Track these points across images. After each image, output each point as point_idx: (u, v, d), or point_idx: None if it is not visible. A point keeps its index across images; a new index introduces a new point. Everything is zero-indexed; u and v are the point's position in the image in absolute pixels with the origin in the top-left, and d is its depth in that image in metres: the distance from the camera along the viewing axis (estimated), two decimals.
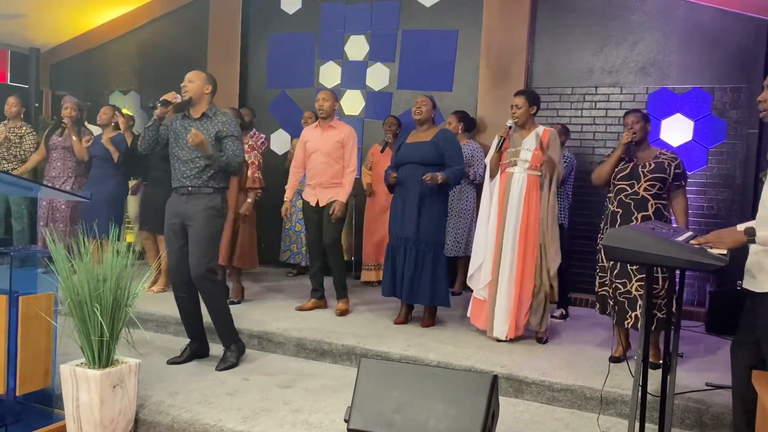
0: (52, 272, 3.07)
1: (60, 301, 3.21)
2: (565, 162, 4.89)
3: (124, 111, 7.11)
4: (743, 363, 2.63)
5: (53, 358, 3.26)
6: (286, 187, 5.08)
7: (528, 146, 4.29)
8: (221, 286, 4.40)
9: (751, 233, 2.44)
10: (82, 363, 3.10)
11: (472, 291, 6.01)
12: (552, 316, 4.90)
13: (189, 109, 3.93)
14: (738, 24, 5.32)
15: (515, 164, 4.30)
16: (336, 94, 5.09)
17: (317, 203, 4.91)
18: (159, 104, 3.83)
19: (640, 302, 3.75)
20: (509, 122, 4.33)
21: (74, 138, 5.83)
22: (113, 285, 3.03)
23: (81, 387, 3.00)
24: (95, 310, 2.95)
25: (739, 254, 2.60)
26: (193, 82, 3.89)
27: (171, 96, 3.86)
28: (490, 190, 4.44)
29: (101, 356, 3.04)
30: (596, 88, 5.86)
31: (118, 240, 3.19)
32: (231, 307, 4.26)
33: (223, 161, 3.84)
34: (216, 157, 3.81)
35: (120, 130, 5.77)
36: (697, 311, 5.28)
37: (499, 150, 4.34)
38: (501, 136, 4.32)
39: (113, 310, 3.03)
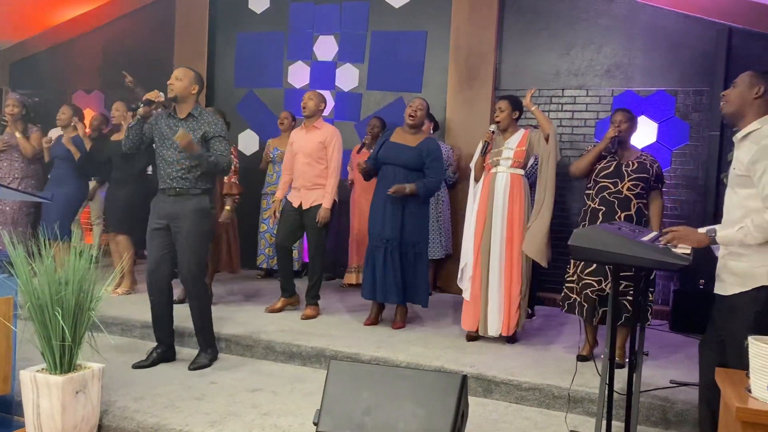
0: (12, 275, 2.98)
1: (19, 305, 3.12)
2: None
3: (87, 110, 6.97)
4: (710, 362, 2.69)
5: (13, 364, 3.16)
6: (268, 190, 5.05)
7: (510, 146, 4.32)
8: (208, 288, 4.36)
9: (712, 233, 2.50)
10: (43, 369, 3.01)
11: (441, 292, 6.11)
12: None
13: (174, 108, 3.84)
14: (700, 28, 5.44)
15: (498, 164, 4.34)
16: (323, 95, 5.03)
17: (300, 205, 4.87)
18: (142, 104, 3.75)
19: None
20: (492, 127, 4.37)
21: (18, 135, 5.65)
22: (75, 288, 2.96)
23: (42, 393, 2.92)
24: (56, 313, 2.88)
25: (701, 254, 2.66)
26: (180, 80, 3.77)
27: (154, 95, 3.75)
28: (475, 193, 4.46)
29: (63, 361, 2.96)
30: (563, 90, 5.93)
31: (81, 241, 3.12)
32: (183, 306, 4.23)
33: (211, 162, 3.78)
34: (204, 157, 3.75)
35: (78, 131, 5.65)
36: (661, 310, 5.38)
37: (484, 154, 4.36)
38: (485, 141, 4.34)
39: (75, 313, 2.96)
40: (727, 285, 2.56)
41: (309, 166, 4.84)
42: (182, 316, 4.36)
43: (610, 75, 5.78)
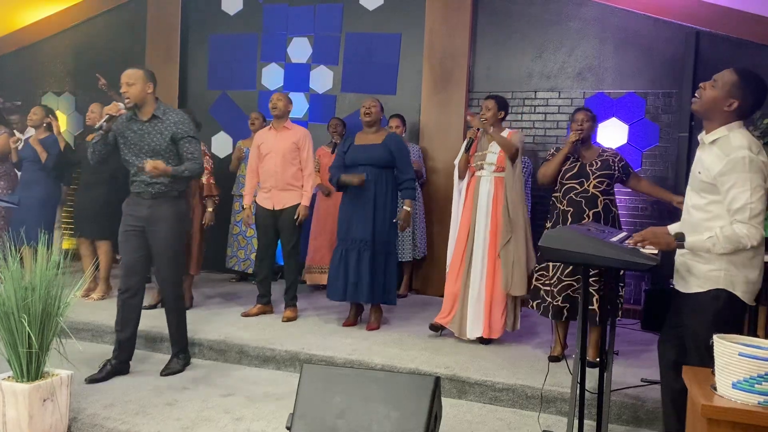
0: None
1: None
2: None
3: (57, 113, 6.85)
4: (669, 359, 2.73)
5: None
6: (242, 192, 5.00)
7: (494, 149, 4.34)
8: (188, 292, 4.31)
9: (681, 239, 2.54)
10: (9, 377, 2.96)
11: (417, 293, 6.12)
12: None
13: (135, 112, 3.75)
14: (669, 32, 5.52)
15: (482, 167, 4.36)
16: (289, 96, 5.02)
17: (273, 207, 4.84)
18: (105, 122, 3.68)
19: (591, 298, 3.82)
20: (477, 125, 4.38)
21: None
22: (43, 294, 2.90)
23: (8, 402, 2.86)
24: (23, 320, 2.82)
25: (672, 254, 2.70)
26: (133, 85, 3.66)
27: (114, 110, 3.67)
28: (459, 191, 4.48)
29: (30, 369, 2.91)
30: (535, 92, 5.98)
31: (50, 246, 3.07)
32: (155, 311, 4.16)
33: (186, 175, 3.74)
34: (179, 173, 3.70)
35: (52, 131, 5.55)
36: (633, 309, 5.45)
37: (468, 151, 4.37)
38: (470, 138, 4.36)
39: (42, 320, 2.91)
40: (686, 283, 2.60)
41: (281, 167, 4.82)
42: (154, 321, 4.32)
43: (581, 77, 5.85)
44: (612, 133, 5.74)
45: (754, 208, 2.38)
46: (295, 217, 4.78)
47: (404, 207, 4.54)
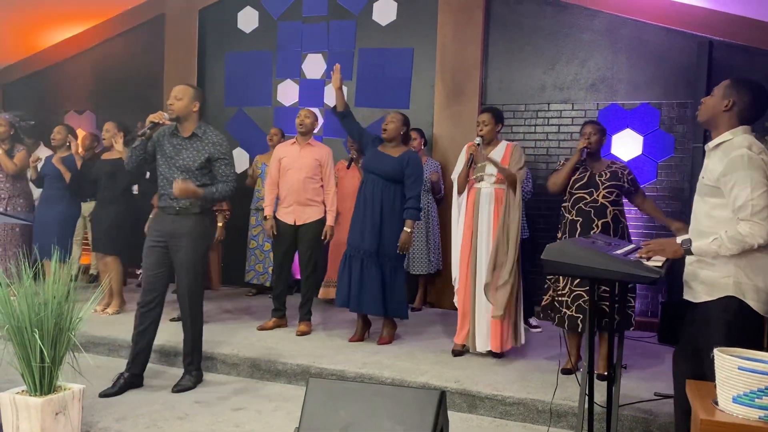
0: None
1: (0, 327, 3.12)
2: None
3: (79, 131, 7.01)
4: (685, 374, 2.69)
5: None
6: (263, 205, 5.07)
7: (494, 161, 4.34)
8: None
9: (687, 244, 2.52)
10: (23, 390, 3.01)
11: (431, 307, 6.11)
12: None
13: (177, 127, 3.84)
14: (682, 42, 5.49)
15: (482, 179, 4.36)
16: (315, 114, 5.08)
17: (294, 222, 4.89)
18: (148, 129, 3.76)
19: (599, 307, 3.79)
20: (477, 139, 4.38)
21: (0, 152, 5.69)
22: (55, 309, 2.96)
23: (21, 416, 2.92)
24: (35, 335, 2.88)
25: (683, 265, 2.68)
26: (180, 99, 3.76)
27: (158, 117, 3.75)
28: (459, 205, 4.47)
29: (43, 383, 2.96)
30: (548, 104, 5.97)
31: (64, 262, 3.13)
32: (172, 324, 4.20)
33: (216, 197, 3.81)
34: (209, 195, 3.77)
35: (71, 150, 5.69)
36: (650, 321, 5.37)
37: (470, 166, 4.38)
38: (471, 154, 4.36)
39: (55, 334, 2.96)
40: (695, 292, 2.58)
41: (304, 183, 4.87)
42: (170, 335, 4.37)
43: (594, 89, 5.83)
44: (626, 145, 5.70)
45: (755, 204, 2.37)
46: (323, 237, 4.84)
47: (405, 228, 4.46)
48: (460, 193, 4.45)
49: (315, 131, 6.64)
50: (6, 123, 5.78)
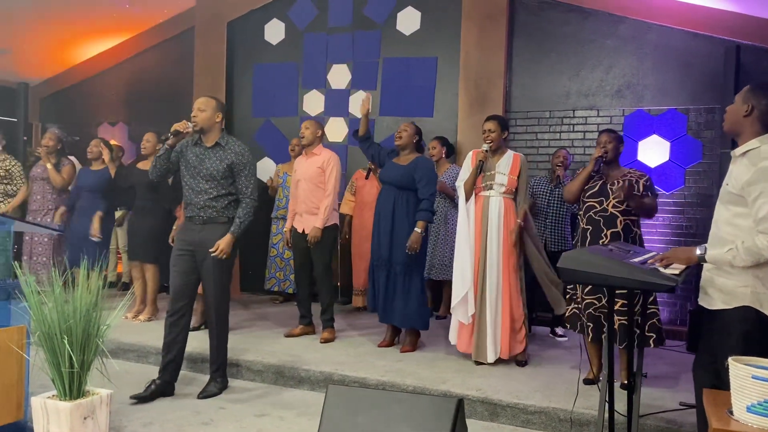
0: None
1: (32, 334, 3.23)
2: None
3: (112, 142, 7.20)
4: (705, 383, 2.65)
5: (26, 391, 3.27)
6: (280, 214, 5.18)
7: (502, 170, 4.37)
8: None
9: (702, 251, 2.50)
10: (53, 395, 3.11)
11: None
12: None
13: (200, 137, 3.93)
14: (708, 46, 5.42)
15: (491, 188, 4.37)
16: (320, 122, 5.17)
17: (303, 231, 4.97)
18: (171, 136, 3.84)
19: (616, 317, 3.76)
20: (485, 146, 4.39)
21: (49, 166, 5.88)
22: (83, 316, 3.05)
23: (52, 419, 3.01)
24: (64, 341, 2.97)
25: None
26: (203, 111, 3.84)
27: (182, 126, 3.82)
28: (467, 213, 4.46)
29: (72, 388, 3.05)
30: (573, 111, 5.94)
31: (95, 270, 3.23)
32: (200, 332, 4.27)
33: (245, 223, 3.89)
34: (239, 230, 3.85)
35: (105, 162, 5.85)
36: (679, 330, 5.30)
37: (480, 173, 4.39)
38: (481, 161, 4.37)
39: (83, 341, 3.05)
40: (711, 299, 2.55)
41: (309, 192, 4.95)
42: (199, 343, 4.45)
43: (620, 95, 5.78)
44: (653, 151, 5.64)
45: None
46: (308, 240, 4.86)
47: (415, 228, 4.46)
48: (467, 199, 4.43)
49: (340, 140, 6.76)
50: (55, 137, 5.97)
